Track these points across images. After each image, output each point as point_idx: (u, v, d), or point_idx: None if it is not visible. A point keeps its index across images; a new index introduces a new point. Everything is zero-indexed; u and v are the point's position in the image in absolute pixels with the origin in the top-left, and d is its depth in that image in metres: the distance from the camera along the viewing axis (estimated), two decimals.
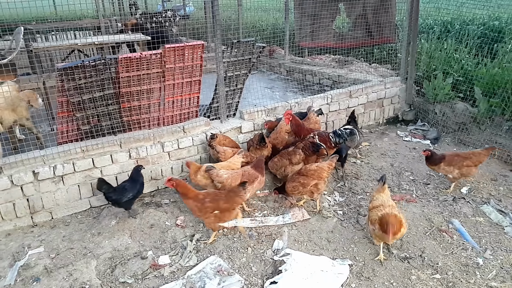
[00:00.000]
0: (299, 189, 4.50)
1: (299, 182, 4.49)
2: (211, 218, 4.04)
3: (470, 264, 3.76)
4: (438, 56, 7.55)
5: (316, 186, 4.51)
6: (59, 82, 4.51)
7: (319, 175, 4.50)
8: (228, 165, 4.82)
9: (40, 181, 4.43)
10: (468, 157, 4.85)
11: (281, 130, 5.62)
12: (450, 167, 4.83)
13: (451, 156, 4.89)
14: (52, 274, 3.71)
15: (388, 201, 3.84)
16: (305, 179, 4.49)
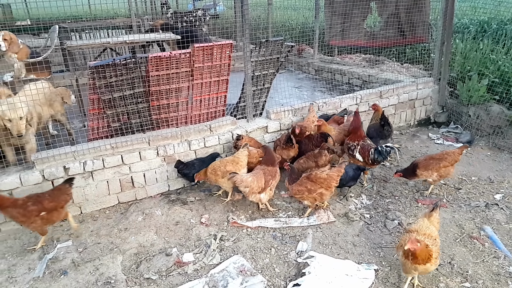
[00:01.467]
0: (304, 194, 4.37)
1: (305, 187, 4.35)
2: (37, 222, 3.95)
3: (502, 273, 3.60)
4: (474, 57, 7.26)
5: (320, 195, 4.38)
6: (90, 79, 4.63)
7: (328, 184, 4.36)
8: (233, 160, 4.80)
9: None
10: (443, 158, 4.73)
11: (309, 119, 5.72)
12: (428, 171, 4.69)
13: (425, 161, 4.76)
14: (79, 268, 3.80)
15: (427, 230, 3.37)
16: (313, 185, 4.35)
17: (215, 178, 4.74)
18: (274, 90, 6.43)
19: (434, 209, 3.59)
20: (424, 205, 4.71)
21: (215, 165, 4.79)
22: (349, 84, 8.41)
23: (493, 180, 5.16)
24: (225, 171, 4.67)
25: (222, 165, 4.74)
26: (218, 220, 4.54)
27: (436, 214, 3.60)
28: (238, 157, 4.83)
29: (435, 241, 3.30)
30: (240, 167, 4.79)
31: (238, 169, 4.74)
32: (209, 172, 4.77)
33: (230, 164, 4.74)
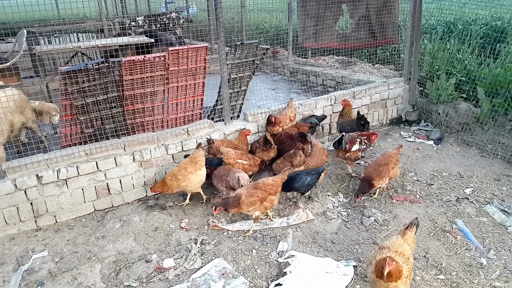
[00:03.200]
0: (257, 204, 4.18)
1: (258, 197, 4.17)
2: None
3: (474, 264, 3.75)
4: (441, 57, 7.53)
5: (271, 202, 4.31)
6: (62, 85, 4.53)
7: (276, 189, 4.31)
8: (191, 161, 4.73)
9: (44, 185, 4.44)
10: (389, 161, 4.80)
11: (286, 114, 5.85)
12: (383, 179, 4.72)
13: (375, 170, 4.75)
14: (56, 278, 3.71)
15: (399, 247, 3.23)
16: (263, 193, 4.22)
17: (177, 183, 4.62)
18: (250, 92, 6.46)
19: (409, 227, 3.45)
20: (399, 201, 4.84)
21: (174, 171, 4.69)
22: (324, 85, 8.55)
23: (463, 175, 5.36)
24: (186, 174, 4.63)
25: (181, 169, 4.66)
26: (198, 224, 4.53)
27: (411, 232, 3.43)
28: (196, 157, 4.75)
29: (407, 261, 3.16)
30: (200, 166, 4.74)
31: (199, 168, 4.71)
32: (168, 180, 4.64)
33: (190, 165, 4.68)
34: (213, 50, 9.97)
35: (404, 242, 3.31)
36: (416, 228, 3.49)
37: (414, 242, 3.45)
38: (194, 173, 4.70)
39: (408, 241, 3.36)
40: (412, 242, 3.40)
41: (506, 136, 5.99)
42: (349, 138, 5.34)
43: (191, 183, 4.70)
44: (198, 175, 4.74)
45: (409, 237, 3.39)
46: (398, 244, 3.26)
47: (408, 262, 3.16)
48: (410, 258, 3.23)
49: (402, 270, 3.03)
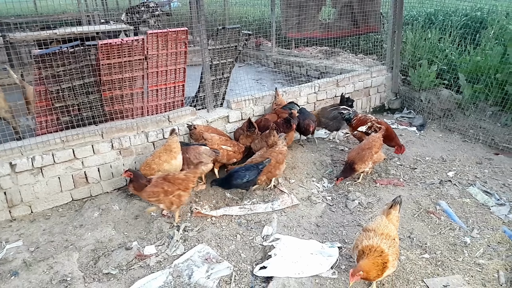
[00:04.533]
0: (160, 196, 3.96)
1: (162, 189, 3.96)
2: None
3: (458, 243, 3.75)
4: (423, 46, 7.56)
5: (179, 197, 4.06)
6: (36, 69, 4.35)
7: (186, 185, 4.09)
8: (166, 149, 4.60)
9: (18, 173, 4.27)
10: (372, 145, 4.78)
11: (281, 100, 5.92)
12: (365, 163, 4.68)
13: (358, 154, 4.70)
14: (31, 268, 3.56)
15: (385, 229, 3.15)
16: (170, 186, 4.00)
17: (151, 173, 4.44)
18: (234, 83, 6.37)
19: (392, 206, 3.36)
20: (382, 185, 4.82)
21: (147, 160, 4.53)
22: (308, 76, 8.50)
23: (445, 159, 5.38)
24: (160, 163, 4.49)
25: (156, 158, 4.51)
26: (180, 212, 4.40)
27: (396, 211, 3.34)
28: (170, 144, 4.60)
29: (393, 242, 3.07)
30: (176, 154, 4.59)
31: (174, 157, 4.56)
32: (142, 170, 4.47)
33: (164, 154, 4.53)
34: (195, 42, 9.83)
35: (389, 223, 3.24)
36: (399, 206, 3.42)
37: (398, 221, 3.39)
38: (169, 162, 4.54)
39: (392, 220, 3.29)
40: (396, 221, 3.34)
41: (487, 121, 6.04)
42: (357, 114, 5.50)
43: (166, 171, 4.50)
44: (172, 164, 4.55)
45: (393, 216, 3.33)
46: (384, 226, 3.17)
47: (395, 243, 3.09)
48: (396, 239, 3.16)
49: (389, 258, 2.95)
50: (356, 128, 5.50)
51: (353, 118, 5.58)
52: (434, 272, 3.40)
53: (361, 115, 5.59)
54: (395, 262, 3.04)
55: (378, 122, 5.42)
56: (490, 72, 6.16)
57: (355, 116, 5.59)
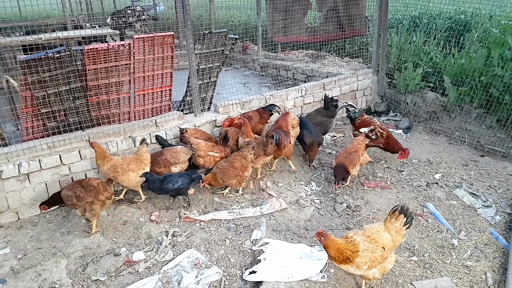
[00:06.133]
0: (73, 201, 3.92)
1: (74, 193, 3.92)
2: None
3: (446, 245, 3.80)
4: (408, 49, 7.67)
5: (90, 205, 3.97)
6: (21, 75, 4.30)
7: (96, 195, 3.99)
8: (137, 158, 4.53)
9: (4, 180, 4.21)
10: (358, 148, 4.85)
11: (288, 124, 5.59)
12: (356, 166, 4.73)
13: (347, 158, 4.72)
14: (19, 275, 3.52)
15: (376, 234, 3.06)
16: (82, 192, 3.95)
17: (114, 175, 4.35)
18: (221, 87, 6.37)
19: (391, 214, 3.12)
20: (370, 187, 4.87)
21: (116, 162, 4.43)
22: (294, 79, 8.55)
23: (432, 161, 5.46)
24: (127, 170, 4.40)
25: (124, 163, 4.42)
26: (169, 217, 4.39)
27: (396, 221, 3.08)
28: (141, 154, 4.54)
29: (377, 248, 2.97)
30: (145, 166, 4.52)
31: (143, 168, 4.50)
32: (106, 168, 4.37)
33: (134, 163, 4.46)
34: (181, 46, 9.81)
35: (385, 230, 3.08)
36: (405, 218, 3.08)
37: (400, 234, 3.10)
38: (136, 172, 4.46)
39: (390, 230, 3.08)
40: (397, 233, 3.08)
41: (472, 123, 6.15)
42: (362, 115, 5.54)
43: (129, 180, 4.45)
44: (139, 174, 4.46)
45: (392, 225, 3.08)
46: (375, 231, 3.08)
47: (378, 251, 2.96)
48: (386, 248, 3.00)
49: (352, 255, 2.93)
50: (358, 129, 5.47)
51: (358, 117, 5.57)
52: (423, 274, 3.45)
53: (366, 116, 5.58)
54: (366, 267, 2.95)
55: (381, 128, 5.35)
56: (474, 74, 6.28)
57: (361, 116, 5.58)
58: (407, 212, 3.11)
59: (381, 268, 3.08)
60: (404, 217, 3.09)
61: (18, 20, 10.94)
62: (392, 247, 3.08)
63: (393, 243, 3.07)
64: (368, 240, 3.01)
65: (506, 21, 7.32)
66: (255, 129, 5.66)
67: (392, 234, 3.08)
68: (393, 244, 3.08)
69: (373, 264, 2.98)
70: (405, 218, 3.09)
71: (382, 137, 5.30)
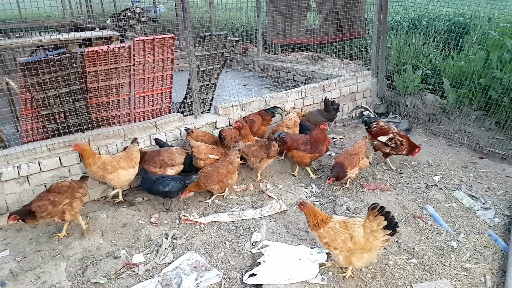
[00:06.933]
0: (48, 209, 3.81)
1: (48, 200, 3.83)
2: None
3: (445, 247, 3.81)
4: (407, 51, 7.68)
5: (70, 205, 3.96)
6: (22, 77, 4.30)
7: (72, 193, 3.99)
8: (127, 156, 4.56)
9: (4, 182, 4.20)
10: (359, 151, 4.81)
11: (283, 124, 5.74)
12: (354, 168, 4.73)
13: (347, 159, 4.72)
14: (18, 278, 3.52)
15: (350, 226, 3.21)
16: (57, 196, 3.89)
17: (103, 174, 4.36)
18: (221, 89, 6.38)
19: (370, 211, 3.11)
20: (369, 189, 4.87)
21: (106, 160, 4.42)
22: (294, 81, 8.55)
23: (431, 163, 5.46)
24: (117, 167, 4.43)
25: (114, 161, 4.43)
26: (169, 219, 4.40)
27: (372, 222, 3.09)
28: (132, 153, 4.57)
29: (342, 233, 3.13)
30: (135, 164, 4.57)
31: (132, 166, 4.54)
32: (96, 167, 4.34)
33: (124, 160, 4.48)
34: (181, 47, 9.81)
35: (361, 226, 3.16)
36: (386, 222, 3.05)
37: (378, 238, 3.10)
38: (127, 169, 4.49)
39: (366, 228, 3.12)
40: (372, 234, 3.09)
41: (471, 125, 6.16)
42: (378, 121, 5.36)
43: (119, 178, 4.46)
44: (130, 172, 4.51)
45: (369, 224, 3.10)
46: (352, 222, 3.23)
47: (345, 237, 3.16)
48: (354, 240, 3.12)
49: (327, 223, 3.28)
50: (376, 137, 5.30)
51: (374, 124, 5.38)
52: (422, 277, 3.45)
53: (383, 123, 5.39)
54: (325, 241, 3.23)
55: (400, 135, 5.22)
56: (473, 77, 6.29)
57: (377, 122, 5.39)
58: (389, 217, 3.06)
59: (347, 258, 3.22)
60: (385, 221, 3.06)
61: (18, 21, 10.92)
62: (363, 245, 3.11)
63: (364, 241, 3.11)
64: (340, 224, 3.24)
65: (505, 23, 7.35)
66: (258, 132, 5.66)
67: (366, 232, 3.13)
68: (365, 242, 3.11)
69: (332, 244, 3.19)
70: (386, 221, 3.06)
71: (402, 145, 5.18)
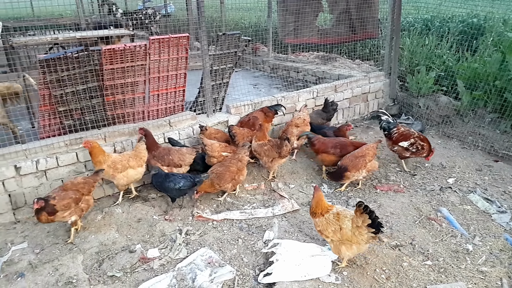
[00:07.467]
0: (72, 206, 3.88)
1: (71, 198, 3.88)
2: None
3: (460, 250, 3.79)
4: (420, 52, 7.65)
5: (87, 203, 4.06)
6: (40, 74, 4.37)
7: (89, 189, 4.10)
8: (136, 154, 4.60)
9: (23, 176, 4.28)
10: (366, 153, 4.75)
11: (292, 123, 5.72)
12: (357, 172, 4.69)
13: (351, 162, 4.71)
14: (37, 269, 3.59)
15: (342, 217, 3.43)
16: (76, 193, 3.94)
17: (113, 173, 4.43)
18: (231, 88, 6.40)
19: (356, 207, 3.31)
20: (382, 191, 4.87)
21: (116, 158, 4.47)
22: (304, 81, 8.54)
23: (445, 166, 5.43)
24: (127, 166, 4.48)
25: (124, 159, 4.48)
26: (182, 215, 4.44)
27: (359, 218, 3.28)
28: (140, 151, 4.62)
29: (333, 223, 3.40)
30: (143, 162, 4.62)
31: (141, 164, 4.59)
32: (107, 165, 4.40)
33: (133, 159, 4.54)
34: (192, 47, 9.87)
35: (350, 219, 3.38)
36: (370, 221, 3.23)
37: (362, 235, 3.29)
38: (135, 168, 4.55)
39: (353, 222, 3.33)
40: (357, 229, 3.29)
41: (486, 128, 6.11)
42: (398, 126, 5.29)
43: (128, 177, 4.52)
44: (138, 171, 4.58)
45: (356, 219, 3.31)
46: (344, 215, 3.44)
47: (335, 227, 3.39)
48: (343, 231, 3.35)
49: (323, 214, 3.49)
50: (397, 143, 5.25)
51: (394, 129, 5.30)
52: (437, 279, 3.44)
53: (403, 128, 5.31)
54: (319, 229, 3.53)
55: (420, 139, 5.19)
56: (489, 79, 6.25)
57: (397, 128, 5.31)
58: (372, 216, 3.24)
59: (336, 247, 3.47)
60: (369, 219, 3.24)
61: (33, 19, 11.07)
62: (350, 237, 3.34)
63: (351, 234, 3.33)
64: (334, 216, 3.46)
65: None
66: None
67: (353, 226, 3.34)
68: (351, 235, 3.33)
69: (324, 232, 3.47)
70: (369, 220, 3.24)
71: (423, 149, 5.14)
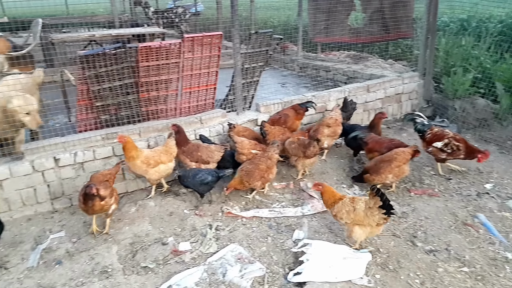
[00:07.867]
0: (113, 195, 4.02)
1: (110, 188, 4.01)
2: None
3: (499, 258, 3.66)
4: (456, 53, 7.43)
5: (116, 193, 4.16)
6: (80, 69, 4.52)
7: (114, 180, 4.25)
8: (166, 150, 4.65)
9: (61, 168, 4.45)
10: (393, 158, 4.60)
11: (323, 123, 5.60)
12: (381, 175, 4.59)
13: (375, 165, 4.64)
14: (74, 258, 3.73)
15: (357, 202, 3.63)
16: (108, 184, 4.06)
17: (146, 168, 4.51)
18: (259, 87, 6.40)
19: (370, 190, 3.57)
20: (416, 194, 4.76)
21: (148, 154, 4.54)
22: (334, 80, 8.43)
23: (482, 171, 5.24)
24: (159, 162, 4.55)
25: (156, 155, 4.55)
26: (212, 211, 4.49)
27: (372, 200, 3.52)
28: (170, 147, 4.67)
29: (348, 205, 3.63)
30: (172, 157, 4.69)
31: (171, 160, 4.66)
32: (140, 161, 4.48)
33: (164, 155, 4.61)
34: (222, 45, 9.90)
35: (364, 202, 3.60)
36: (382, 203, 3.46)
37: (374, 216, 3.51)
38: (166, 164, 4.63)
39: (366, 204, 3.56)
40: (369, 210, 3.52)
41: None
42: (432, 127, 5.20)
43: (159, 172, 4.60)
44: (169, 166, 4.67)
45: (369, 201, 3.55)
46: (359, 198, 3.69)
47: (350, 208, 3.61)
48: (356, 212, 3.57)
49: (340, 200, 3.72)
50: (431, 144, 5.15)
51: (427, 131, 5.22)
52: (474, 286, 3.34)
53: (437, 129, 5.23)
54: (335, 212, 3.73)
55: (456, 139, 5.00)
56: None
57: (430, 129, 5.23)
58: (383, 198, 3.48)
59: (349, 228, 3.68)
60: (381, 201, 3.47)
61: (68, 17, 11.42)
62: (362, 218, 3.54)
63: (364, 215, 3.54)
64: (350, 199, 3.69)
65: None
66: (292, 127, 5.66)
67: (366, 207, 3.55)
68: (364, 216, 3.54)
69: (338, 214, 3.68)
70: (381, 202, 3.47)
71: (459, 150, 4.97)
